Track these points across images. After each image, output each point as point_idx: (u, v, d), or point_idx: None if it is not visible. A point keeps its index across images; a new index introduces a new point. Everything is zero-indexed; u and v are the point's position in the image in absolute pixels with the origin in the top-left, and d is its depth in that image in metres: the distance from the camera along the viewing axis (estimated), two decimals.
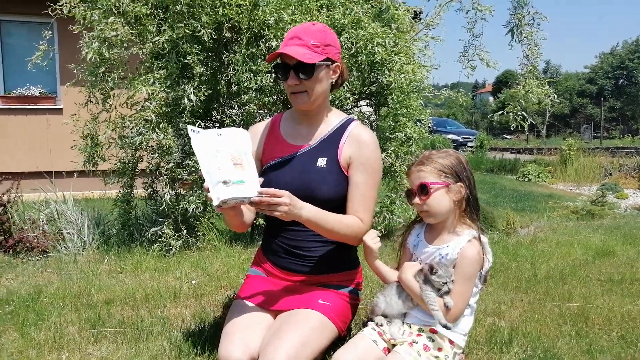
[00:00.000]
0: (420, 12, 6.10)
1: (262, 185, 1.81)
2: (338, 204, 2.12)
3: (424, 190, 1.90)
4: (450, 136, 20.43)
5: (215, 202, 1.72)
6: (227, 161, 1.75)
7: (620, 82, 48.94)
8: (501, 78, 54.63)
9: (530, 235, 4.65)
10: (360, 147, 2.14)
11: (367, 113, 5.05)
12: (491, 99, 58.70)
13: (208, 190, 1.74)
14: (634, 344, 2.27)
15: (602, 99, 40.72)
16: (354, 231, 2.07)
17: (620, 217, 6.11)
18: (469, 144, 20.36)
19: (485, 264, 1.90)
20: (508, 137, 35.93)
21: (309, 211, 1.90)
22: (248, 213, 2.11)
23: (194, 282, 3.25)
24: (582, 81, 49.68)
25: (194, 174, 4.09)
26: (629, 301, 2.85)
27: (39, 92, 8.91)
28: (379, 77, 4.35)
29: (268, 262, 2.30)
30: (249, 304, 2.18)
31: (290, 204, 1.80)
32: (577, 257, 3.81)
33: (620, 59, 48.41)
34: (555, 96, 4.58)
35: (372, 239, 2.00)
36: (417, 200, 1.93)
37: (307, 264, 2.22)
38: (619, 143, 22.06)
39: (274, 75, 2.31)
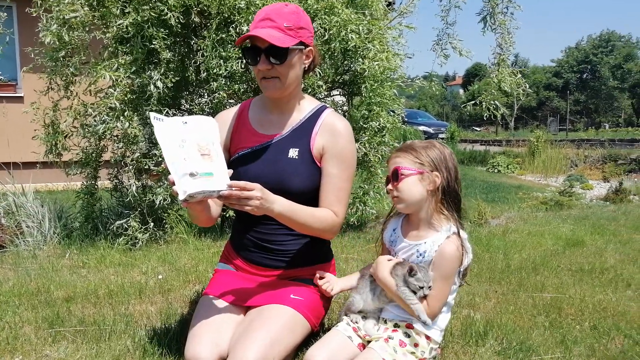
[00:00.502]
0: (393, 2, 6.04)
1: (231, 178, 1.67)
2: (310, 197, 2.03)
3: (395, 175, 1.84)
4: (422, 128, 20.57)
5: (181, 196, 1.58)
6: (194, 152, 1.62)
7: (585, 76, 50.26)
8: (471, 70, 55.39)
9: (502, 226, 4.67)
10: (334, 137, 2.04)
11: (340, 102, 4.97)
12: (461, 91, 59.51)
13: (173, 183, 1.60)
14: (607, 334, 2.27)
15: (567, 92, 41.74)
16: (328, 225, 1.99)
17: (587, 208, 6.22)
18: (440, 135, 20.55)
19: (465, 261, 1.84)
20: (477, 129, 36.54)
21: (281, 205, 1.80)
22: (215, 207, 1.97)
23: (160, 276, 3.12)
24: (548, 74, 50.80)
25: (161, 165, 3.93)
26: (599, 291, 2.87)
27: None
28: (352, 65, 4.26)
29: (238, 257, 2.20)
30: (218, 300, 2.08)
31: (262, 198, 1.69)
32: (548, 248, 3.83)
33: (584, 53, 49.67)
34: (527, 86, 4.59)
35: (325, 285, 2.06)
36: (389, 186, 1.87)
37: (279, 258, 2.13)
38: (583, 135, 22.66)
39: (244, 60, 2.16)
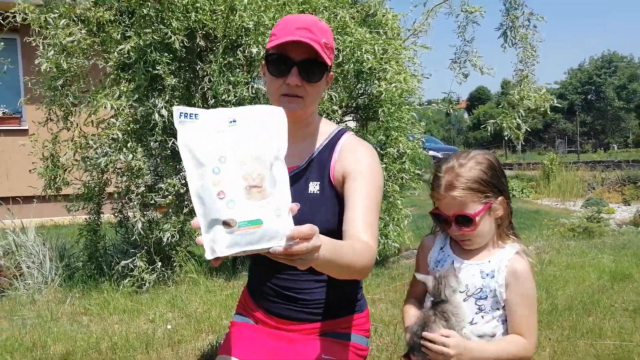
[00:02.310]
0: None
1: None
2: (335, 237, 1.70)
3: (466, 222, 1.51)
4: (430, 153, 20.33)
5: (208, 255, 1.03)
6: (236, 180, 1.03)
7: (590, 97, 50.26)
8: (475, 94, 55.57)
9: (534, 256, 4.32)
10: (355, 157, 1.71)
11: (354, 128, 4.70)
12: (466, 115, 59.59)
13: (199, 228, 1.06)
14: None
15: (575, 113, 41.60)
16: (367, 260, 1.55)
17: (619, 235, 5.86)
18: None
19: None
20: None
21: (325, 248, 1.27)
22: None
23: (169, 326, 2.80)
24: (553, 96, 50.85)
25: (168, 197, 3.65)
26: None
27: (2, 113, 8.39)
28: (367, 88, 4.01)
29: (258, 309, 1.88)
30: None
31: (320, 247, 1.17)
32: (593, 283, 3.49)
33: (588, 74, 49.76)
34: (555, 100, 4.29)
35: None
36: (454, 229, 1.54)
37: (305, 309, 1.80)
38: (596, 157, 22.32)
39: (266, 67, 1.76)
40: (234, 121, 1.09)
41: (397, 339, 2.45)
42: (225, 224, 1.00)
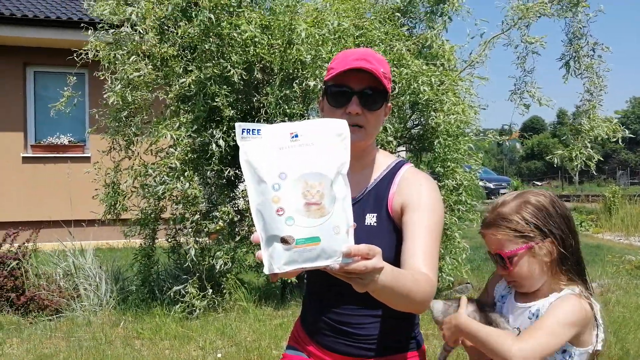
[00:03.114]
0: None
1: None
2: None
3: (504, 261, 1.45)
4: (481, 183, 19.83)
5: (266, 270, 1.05)
6: (296, 197, 1.03)
7: None
8: (528, 124, 54.16)
9: (598, 296, 4.07)
10: (415, 188, 1.66)
11: (407, 159, 4.66)
12: (518, 145, 58.05)
13: (258, 243, 1.05)
14: None
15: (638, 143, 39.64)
16: (427, 292, 1.45)
17: None
18: (501, 190, 19.71)
19: (593, 335, 1.39)
20: (538, 183, 35.09)
21: (385, 273, 1.21)
22: None
23: (219, 355, 2.81)
24: (623, 127, 48.88)
25: (220, 223, 3.71)
26: None
27: (68, 141, 8.89)
28: (422, 119, 3.98)
29: (311, 342, 1.84)
30: None
31: (381, 269, 1.13)
32: None
33: None
34: (627, 131, 4.10)
35: None
36: (499, 269, 1.48)
37: (359, 344, 1.74)
38: None
39: (326, 99, 1.75)
40: (296, 136, 1.09)
41: None
42: (284, 240, 1.00)
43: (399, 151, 4.61)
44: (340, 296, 1.67)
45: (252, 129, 1.08)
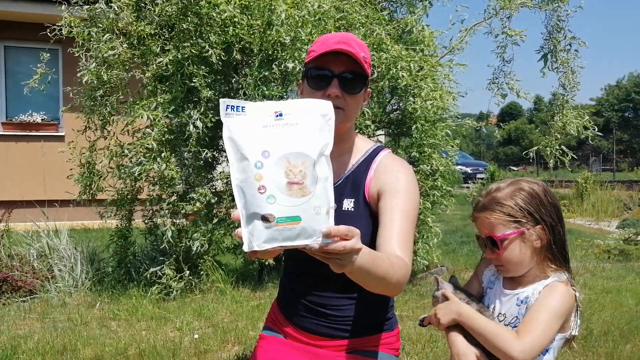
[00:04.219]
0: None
1: None
2: None
3: (494, 244, 1.49)
4: (459, 167, 20.07)
5: (245, 247, 1.04)
6: (278, 175, 1.03)
7: (627, 114, 48.94)
8: (506, 110, 54.83)
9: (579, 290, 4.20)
10: (392, 174, 1.69)
11: (385, 143, 4.69)
12: (497, 130, 58.73)
13: (238, 221, 1.07)
14: None
15: (611, 131, 40.54)
16: (403, 275, 1.47)
17: None
18: (479, 175, 20.00)
19: (573, 321, 1.45)
20: (515, 168, 35.67)
21: (362, 255, 1.24)
22: None
23: (196, 335, 2.82)
24: (588, 113, 49.74)
25: (197, 204, 3.69)
26: None
27: (41, 119, 8.68)
28: (401, 104, 4.00)
29: (288, 323, 1.88)
30: None
31: (359, 249, 1.16)
32: (631, 308, 3.37)
33: (626, 91, 48.52)
34: (596, 128, 4.20)
35: None
36: (488, 252, 1.52)
37: (335, 325, 1.79)
38: (632, 176, 21.60)
39: (306, 82, 1.75)
40: (281, 115, 1.09)
41: (425, 358, 2.41)
42: (264, 218, 1.00)
43: (377, 135, 4.63)
44: (318, 278, 1.71)
45: (237, 106, 1.09)
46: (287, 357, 1.79)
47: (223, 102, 1.09)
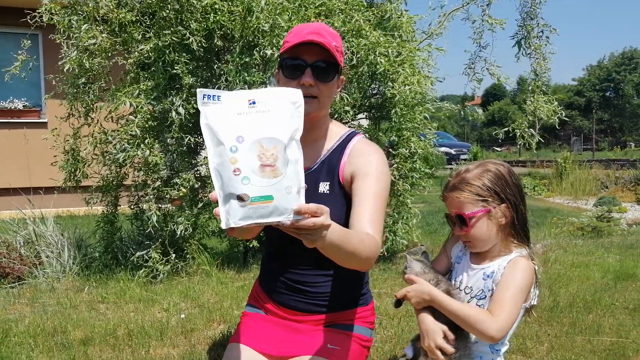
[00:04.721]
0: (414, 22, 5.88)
1: None
2: None
3: (462, 221, 1.62)
4: (443, 149, 20.26)
5: (223, 225, 1.14)
6: (251, 159, 1.12)
7: (608, 94, 49.51)
8: (490, 90, 55.08)
9: (541, 255, 4.40)
10: (364, 158, 1.81)
11: (366, 127, 4.79)
12: (480, 111, 59.11)
13: (216, 201, 1.17)
14: None
15: (593, 110, 41.10)
16: (373, 251, 1.60)
17: (628, 234, 5.88)
18: (462, 156, 20.24)
19: (533, 292, 1.60)
20: (498, 149, 36.05)
21: (333, 231, 1.35)
22: None
23: (182, 315, 2.94)
24: (570, 93, 50.20)
25: (182, 189, 3.78)
26: None
27: (23, 106, 8.60)
28: (381, 89, 4.09)
29: (267, 299, 2.00)
30: (246, 349, 1.88)
31: (328, 225, 1.26)
32: (597, 281, 3.56)
33: (607, 71, 49.01)
34: (563, 113, 4.36)
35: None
36: (456, 229, 1.65)
37: (312, 301, 1.91)
38: (611, 155, 22.06)
39: (281, 71, 1.85)
40: (254, 102, 1.18)
41: (401, 332, 2.55)
42: (239, 198, 1.10)
43: (358, 119, 4.73)
44: (296, 256, 1.83)
45: (213, 95, 1.17)
46: (268, 332, 1.92)
47: (200, 91, 1.17)
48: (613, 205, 9.87)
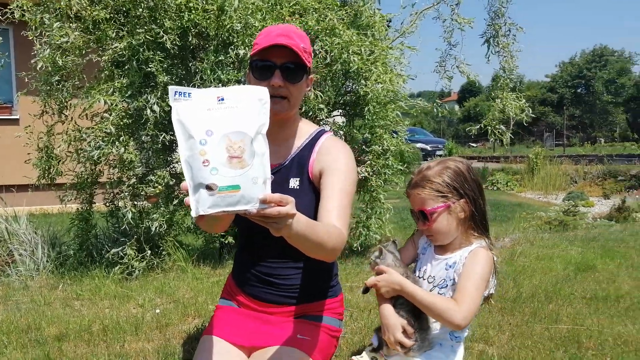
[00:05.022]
0: (390, 21, 5.99)
1: None
2: None
3: (424, 217, 1.72)
4: (419, 145, 20.55)
5: (193, 213, 1.20)
6: (220, 151, 1.19)
7: (579, 90, 50.65)
8: (466, 87, 55.79)
9: (508, 248, 4.56)
10: (331, 155, 1.90)
11: (341, 123, 4.88)
12: (457, 107, 59.84)
13: (187, 191, 1.24)
14: None
15: (563, 107, 42.01)
16: (338, 243, 1.67)
17: (592, 228, 6.11)
18: (437, 152, 20.55)
19: (491, 281, 1.71)
20: (474, 145, 36.61)
21: (298, 221, 1.42)
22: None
23: (157, 310, 2.98)
24: (543, 90, 51.21)
25: (158, 187, 3.81)
26: (617, 321, 2.75)
27: None
28: (354, 87, 4.18)
29: (239, 292, 2.07)
30: (219, 340, 1.94)
31: (293, 215, 1.32)
32: (559, 273, 3.72)
33: (578, 68, 50.11)
34: (530, 110, 4.52)
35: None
36: (420, 224, 1.76)
37: (283, 293, 1.99)
38: (581, 151, 22.67)
39: (251, 73, 1.93)
40: (222, 99, 1.25)
41: (371, 323, 2.65)
42: (208, 187, 1.18)
43: (334, 116, 4.81)
44: (263, 246, 1.91)
45: (184, 92, 1.25)
46: (240, 324, 2.00)
47: (172, 88, 1.25)
48: (581, 200, 10.20)
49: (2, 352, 2.40)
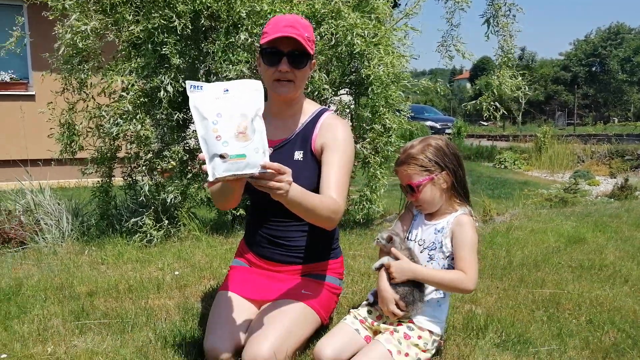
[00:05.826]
0: (399, 4, 6.11)
1: None
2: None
3: (412, 190, 1.98)
4: (429, 123, 20.63)
5: (210, 178, 1.57)
6: (229, 128, 1.55)
7: (594, 69, 49.85)
8: (478, 64, 55.15)
9: (506, 223, 4.78)
10: (332, 132, 2.17)
11: (347, 102, 5.07)
12: (468, 85, 59.25)
13: (204, 162, 1.58)
14: (601, 328, 2.39)
15: (575, 86, 41.48)
16: (332, 212, 1.96)
17: (590, 205, 6.29)
18: (447, 130, 20.61)
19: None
20: (485, 123, 36.40)
21: (294, 189, 1.74)
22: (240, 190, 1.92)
23: (177, 273, 3.27)
24: (556, 68, 50.48)
25: (172, 162, 4.07)
26: (597, 287, 2.98)
27: (10, 78, 8.71)
28: (359, 67, 4.37)
29: (251, 253, 2.35)
30: (233, 295, 2.23)
31: (291, 182, 1.67)
32: (550, 245, 3.94)
33: (593, 46, 49.27)
34: (527, 88, 4.68)
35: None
36: (408, 197, 2.03)
37: (290, 253, 2.27)
38: (591, 130, 22.58)
39: (254, 63, 2.23)
40: (227, 90, 1.62)
41: (370, 286, 2.91)
42: (221, 156, 1.54)
43: (340, 94, 5.00)
44: (274, 215, 2.18)
45: (197, 85, 1.63)
46: (251, 280, 2.27)
47: (188, 83, 1.63)
48: (587, 179, 10.32)
49: (42, 305, 2.70)
